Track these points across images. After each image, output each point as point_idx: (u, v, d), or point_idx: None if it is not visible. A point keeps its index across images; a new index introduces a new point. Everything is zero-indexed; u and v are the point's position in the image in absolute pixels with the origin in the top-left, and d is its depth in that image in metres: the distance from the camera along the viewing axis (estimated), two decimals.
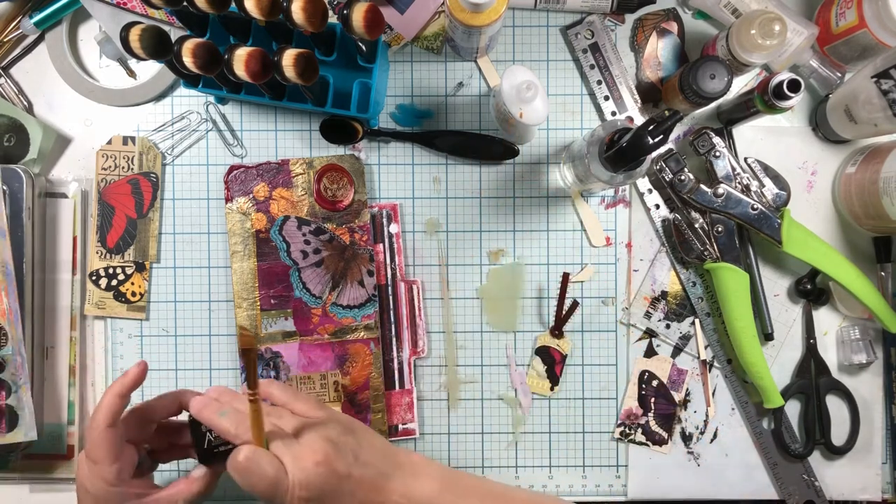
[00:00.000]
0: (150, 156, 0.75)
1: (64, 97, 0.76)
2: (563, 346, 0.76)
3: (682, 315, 0.77)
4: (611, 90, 0.75)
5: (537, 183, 0.77)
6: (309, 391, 0.75)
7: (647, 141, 0.59)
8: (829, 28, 0.71)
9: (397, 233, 0.76)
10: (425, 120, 0.76)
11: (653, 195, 0.76)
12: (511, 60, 0.77)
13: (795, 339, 0.77)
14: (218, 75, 0.63)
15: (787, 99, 0.67)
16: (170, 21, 0.74)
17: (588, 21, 0.75)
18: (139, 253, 0.76)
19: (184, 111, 0.76)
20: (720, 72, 0.67)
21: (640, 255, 0.77)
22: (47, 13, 0.73)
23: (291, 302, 0.75)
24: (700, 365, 0.77)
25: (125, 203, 0.76)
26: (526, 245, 0.77)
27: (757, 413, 0.76)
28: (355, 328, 0.75)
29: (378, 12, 0.60)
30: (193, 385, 0.76)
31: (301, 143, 0.77)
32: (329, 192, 0.75)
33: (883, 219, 0.70)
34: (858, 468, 0.76)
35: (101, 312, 0.76)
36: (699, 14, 0.76)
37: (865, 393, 0.77)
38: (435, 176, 0.77)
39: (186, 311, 0.77)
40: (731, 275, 0.72)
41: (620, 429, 0.77)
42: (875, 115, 0.67)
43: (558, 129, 0.77)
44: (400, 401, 0.76)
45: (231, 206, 0.75)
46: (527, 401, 0.77)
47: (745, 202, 0.72)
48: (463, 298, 0.77)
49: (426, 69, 0.76)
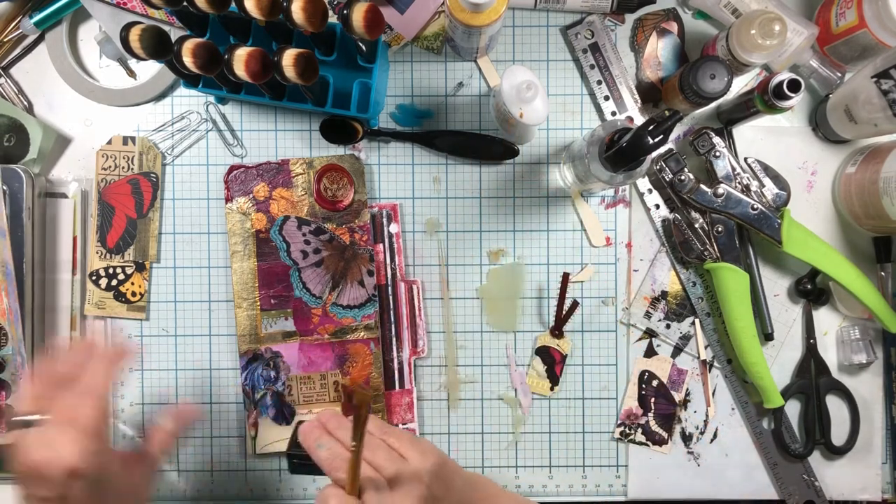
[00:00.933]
0: (150, 156, 0.75)
1: (64, 97, 0.76)
2: (563, 346, 0.76)
3: (682, 315, 0.77)
4: (611, 90, 0.75)
5: (537, 183, 0.77)
6: (309, 391, 0.75)
7: (647, 141, 0.59)
8: (829, 28, 0.71)
9: (397, 233, 0.76)
10: (425, 120, 0.76)
11: (653, 195, 0.76)
12: (511, 60, 0.77)
13: (795, 339, 0.77)
14: (218, 75, 0.63)
15: (787, 99, 0.67)
16: (170, 21, 0.74)
17: (588, 21, 0.75)
18: (139, 253, 0.76)
19: (184, 111, 0.76)
20: (720, 72, 0.67)
21: (640, 255, 0.77)
22: (47, 13, 0.73)
23: (291, 302, 0.75)
24: (700, 365, 0.77)
25: (125, 203, 0.76)
26: (526, 245, 0.77)
27: (757, 413, 0.76)
28: (355, 328, 0.75)
29: (378, 12, 0.60)
30: (193, 385, 0.77)
31: (301, 143, 0.77)
32: (329, 192, 0.75)
33: (883, 219, 0.70)
34: (858, 468, 0.76)
35: (101, 312, 0.76)
36: (699, 14, 0.76)
37: (865, 393, 0.77)
38: (435, 176, 0.77)
39: (186, 311, 0.77)
40: (731, 275, 0.72)
41: (620, 429, 0.77)
42: (875, 115, 0.67)
43: (558, 129, 0.77)
44: (400, 401, 0.76)
45: (231, 206, 0.75)
46: (527, 401, 0.77)
47: (745, 202, 0.72)
48: (463, 298, 0.77)
49: (426, 69, 0.76)
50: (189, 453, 0.77)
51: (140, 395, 0.77)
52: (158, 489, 0.77)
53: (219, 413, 0.77)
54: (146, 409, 0.77)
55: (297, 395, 0.75)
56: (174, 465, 0.77)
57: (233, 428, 0.77)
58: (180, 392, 0.77)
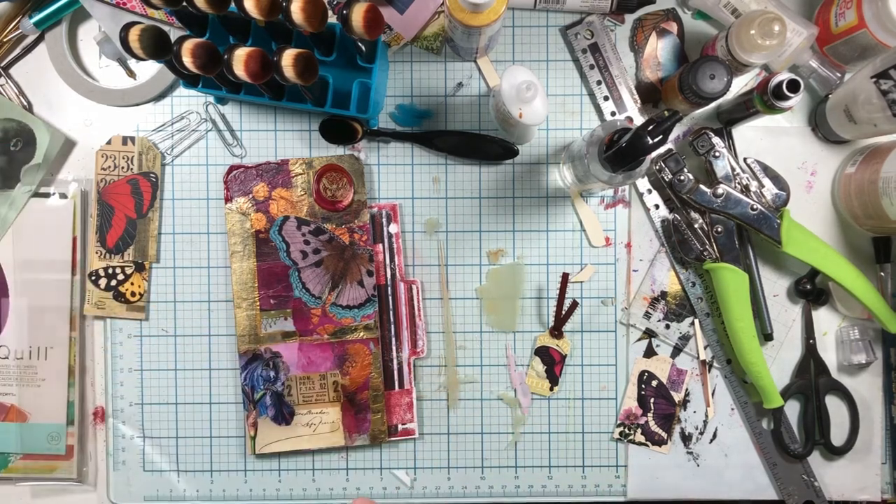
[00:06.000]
0: (149, 156, 0.75)
1: (64, 97, 0.76)
2: (563, 347, 0.76)
3: (681, 315, 0.77)
4: (610, 90, 0.75)
5: (537, 183, 0.77)
6: (308, 391, 0.75)
7: (646, 141, 0.59)
8: (828, 28, 0.71)
9: (397, 233, 0.76)
10: (425, 120, 0.77)
11: (652, 195, 0.76)
12: (511, 60, 0.77)
13: (795, 339, 0.77)
14: (218, 75, 0.63)
15: (786, 99, 0.67)
16: (169, 21, 0.74)
17: (588, 21, 0.75)
18: (139, 253, 0.76)
19: (183, 111, 0.76)
20: (720, 72, 0.67)
21: (640, 256, 0.77)
22: (47, 13, 0.73)
23: (291, 302, 0.75)
24: (700, 365, 0.77)
25: (125, 203, 0.76)
26: (526, 245, 0.77)
27: (756, 413, 0.76)
28: (355, 328, 0.75)
29: (378, 12, 0.60)
30: (193, 384, 0.77)
31: (301, 143, 0.77)
32: (329, 192, 0.75)
33: (882, 219, 0.70)
34: (858, 468, 0.76)
35: (100, 312, 0.76)
36: (699, 14, 0.76)
37: (865, 393, 0.77)
38: (435, 176, 0.77)
39: (186, 311, 0.77)
40: (731, 275, 0.72)
41: (620, 429, 0.77)
42: (875, 115, 0.67)
43: (558, 129, 0.77)
44: (400, 401, 0.76)
45: (231, 207, 0.75)
46: (526, 401, 0.77)
47: (744, 202, 0.72)
48: (462, 298, 0.77)
49: (426, 69, 0.76)
50: (189, 453, 0.77)
51: (140, 395, 0.77)
52: (158, 489, 0.77)
53: (218, 413, 0.77)
54: (146, 409, 0.77)
55: (297, 395, 0.75)
56: (174, 465, 0.77)
57: (232, 428, 0.77)
58: (180, 392, 0.77)
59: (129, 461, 0.77)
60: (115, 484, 0.77)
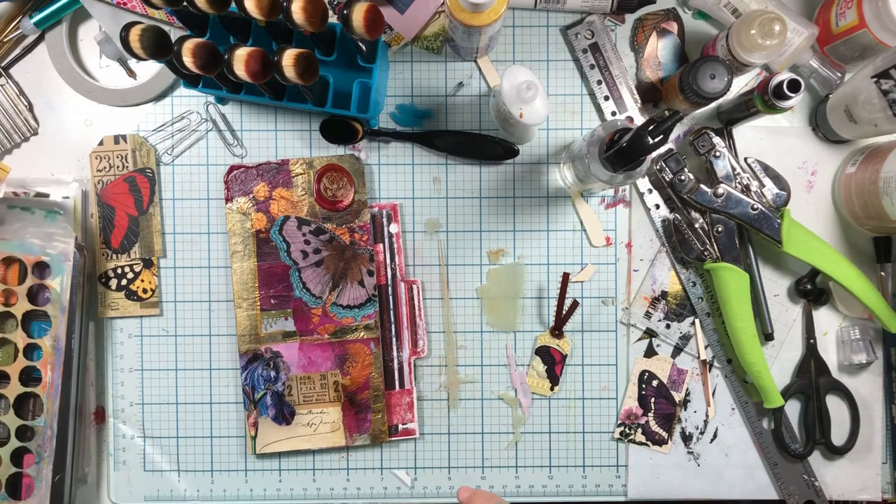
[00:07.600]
0: (142, 152, 0.75)
1: (64, 97, 0.76)
2: (563, 346, 0.76)
3: (682, 315, 0.77)
4: (611, 90, 0.75)
5: (537, 183, 0.77)
6: (309, 391, 0.75)
7: (646, 141, 0.59)
8: (829, 28, 0.71)
9: (397, 233, 0.76)
10: (425, 120, 0.77)
11: (653, 195, 0.76)
12: (511, 60, 0.77)
13: (795, 339, 0.77)
14: (218, 75, 0.63)
15: (787, 99, 0.67)
16: (170, 21, 0.74)
17: (588, 21, 0.75)
18: (144, 249, 0.76)
19: (184, 111, 0.76)
20: (720, 72, 0.67)
21: (640, 255, 0.77)
22: (47, 13, 0.73)
23: (291, 302, 0.75)
24: (700, 365, 0.77)
25: (124, 202, 0.76)
26: (526, 245, 0.77)
27: (757, 413, 0.76)
28: (355, 328, 0.75)
29: (378, 12, 0.60)
30: (193, 384, 0.77)
31: (301, 143, 0.77)
32: (329, 192, 0.75)
33: (883, 219, 0.70)
34: (858, 468, 0.76)
35: (115, 313, 0.76)
36: (699, 14, 0.76)
37: (865, 393, 0.77)
38: (435, 176, 0.77)
39: (186, 310, 0.77)
40: (731, 275, 0.72)
41: (620, 429, 0.77)
42: (875, 115, 0.67)
43: (558, 129, 0.77)
44: (400, 401, 0.76)
45: (231, 206, 0.75)
46: (527, 401, 0.77)
47: (745, 202, 0.72)
48: (463, 298, 0.77)
49: (426, 69, 0.76)
50: (189, 453, 0.77)
51: (140, 395, 0.77)
52: (159, 489, 0.77)
53: (219, 413, 0.77)
54: (146, 408, 0.77)
55: (297, 395, 0.75)
56: (175, 465, 0.77)
57: (233, 428, 0.77)
58: (181, 392, 0.77)
59: (129, 461, 0.77)
60: (115, 484, 0.77)
